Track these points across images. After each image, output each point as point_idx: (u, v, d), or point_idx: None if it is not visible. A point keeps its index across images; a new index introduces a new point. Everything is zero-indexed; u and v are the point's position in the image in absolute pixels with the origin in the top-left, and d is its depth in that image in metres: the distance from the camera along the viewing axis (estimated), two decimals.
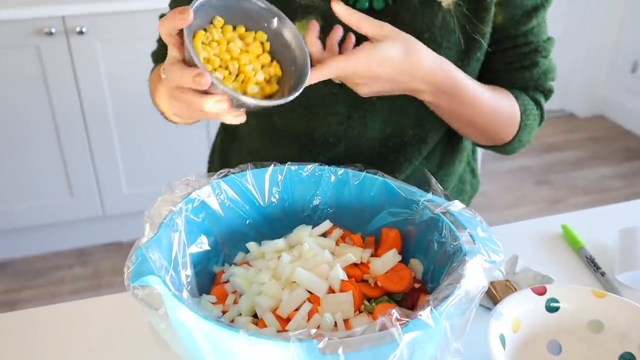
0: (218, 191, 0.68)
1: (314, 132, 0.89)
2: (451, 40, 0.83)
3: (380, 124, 0.89)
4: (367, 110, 0.87)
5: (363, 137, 0.90)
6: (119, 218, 2.31)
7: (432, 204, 0.67)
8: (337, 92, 0.85)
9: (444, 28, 0.82)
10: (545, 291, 0.68)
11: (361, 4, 0.81)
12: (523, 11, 0.86)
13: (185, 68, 0.62)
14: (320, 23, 0.78)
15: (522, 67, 0.91)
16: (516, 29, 0.88)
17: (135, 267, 0.54)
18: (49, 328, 0.75)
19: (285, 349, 0.46)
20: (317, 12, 0.81)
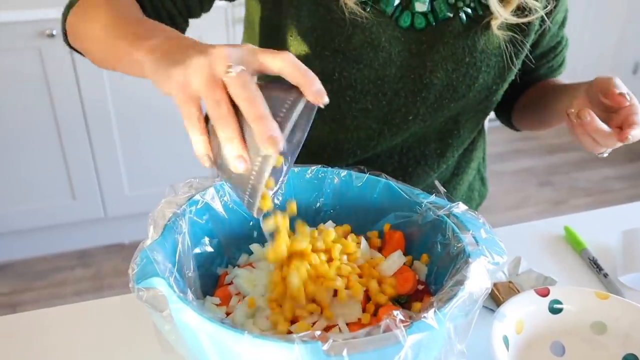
0: (222, 193, 0.68)
1: (343, 144, 0.88)
2: (490, 64, 0.84)
3: (406, 139, 0.89)
4: (400, 129, 0.86)
5: (389, 152, 0.90)
6: (120, 220, 2.31)
7: (436, 205, 0.67)
8: (371, 107, 0.84)
9: (484, 52, 0.83)
10: (548, 293, 0.68)
11: (403, 22, 0.81)
12: (559, 25, 0.91)
13: None
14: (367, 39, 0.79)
15: (559, 65, 0.99)
16: (554, 41, 0.93)
17: (140, 269, 0.54)
18: (52, 330, 0.75)
19: (289, 351, 0.47)
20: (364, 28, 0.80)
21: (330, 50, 0.80)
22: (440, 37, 0.82)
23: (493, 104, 0.90)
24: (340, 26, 0.79)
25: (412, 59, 0.82)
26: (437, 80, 0.83)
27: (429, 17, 0.81)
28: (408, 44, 0.82)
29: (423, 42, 0.82)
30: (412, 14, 0.81)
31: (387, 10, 0.80)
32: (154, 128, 2.16)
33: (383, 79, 0.82)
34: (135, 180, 2.24)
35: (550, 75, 1.00)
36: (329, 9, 0.79)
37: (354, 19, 0.79)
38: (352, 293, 0.60)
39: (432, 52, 0.82)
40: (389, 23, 0.80)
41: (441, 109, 0.85)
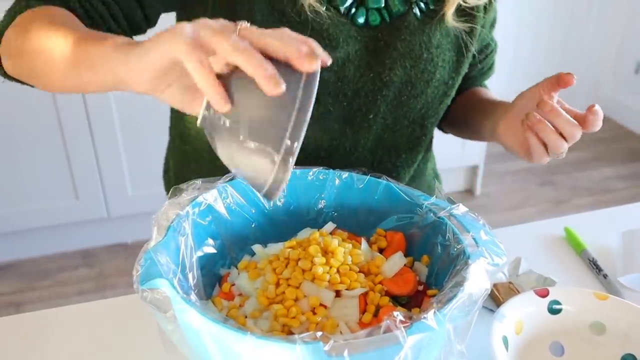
0: (224, 195, 0.69)
1: (306, 148, 0.85)
2: (445, 59, 0.84)
3: (373, 143, 0.88)
4: (361, 127, 0.86)
5: (354, 154, 0.88)
6: (123, 220, 2.32)
7: (436, 207, 0.68)
8: (332, 109, 0.83)
9: (439, 47, 0.83)
10: (548, 293, 0.68)
11: (358, 19, 0.80)
12: (490, 23, 0.92)
13: None
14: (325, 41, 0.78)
15: (489, 68, 1.00)
16: (485, 41, 0.94)
17: (144, 270, 0.54)
18: (56, 330, 0.75)
19: (291, 351, 0.47)
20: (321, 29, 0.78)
21: None
22: (397, 33, 0.81)
23: (449, 100, 0.90)
24: (296, 30, 0.77)
25: (369, 58, 0.81)
26: (396, 77, 0.82)
27: (383, 13, 0.80)
28: (365, 42, 0.81)
29: (379, 40, 0.81)
30: (367, 10, 0.80)
31: (341, 6, 0.78)
32: (156, 128, 2.16)
33: (342, 80, 0.81)
34: (137, 180, 2.25)
35: (480, 79, 1.01)
36: (283, 14, 0.77)
37: (311, 22, 0.77)
38: (353, 294, 0.61)
39: (390, 49, 0.81)
40: (345, 22, 0.79)
41: (401, 106, 0.85)
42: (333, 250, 0.64)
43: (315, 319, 0.59)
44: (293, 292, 0.61)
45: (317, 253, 0.63)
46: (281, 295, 0.61)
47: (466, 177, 2.76)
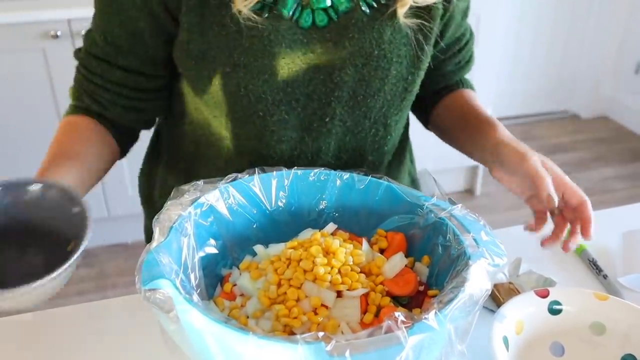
0: (226, 195, 0.69)
1: (267, 160, 0.84)
2: (401, 55, 0.81)
3: (335, 148, 0.86)
4: (320, 133, 0.83)
5: (317, 162, 0.86)
6: (123, 219, 2.32)
7: (437, 207, 0.68)
8: (288, 117, 0.81)
9: (393, 43, 0.80)
10: (548, 294, 0.69)
11: (304, 21, 0.77)
12: (461, 15, 0.90)
13: None
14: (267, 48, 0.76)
15: (466, 62, 0.98)
16: (458, 32, 0.92)
17: (147, 271, 0.55)
18: (57, 330, 0.75)
19: (293, 351, 0.48)
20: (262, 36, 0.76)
21: (231, 66, 0.76)
22: (345, 32, 0.78)
23: (412, 95, 0.87)
24: (235, 39, 0.75)
25: (318, 60, 0.78)
26: (348, 77, 0.80)
27: (329, 13, 0.78)
28: (312, 44, 0.78)
29: (328, 40, 0.78)
30: (313, 11, 0.77)
31: (285, 12, 0.76)
32: None
33: (293, 86, 0.79)
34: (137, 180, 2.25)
35: (459, 73, 0.98)
36: (222, 25, 0.75)
37: (250, 29, 0.75)
38: (355, 295, 0.61)
39: (338, 49, 0.78)
40: (289, 26, 0.76)
41: (358, 106, 0.83)
42: (334, 250, 0.64)
43: (316, 319, 0.59)
44: (294, 292, 0.61)
45: (318, 253, 0.63)
46: (283, 296, 0.62)
47: (466, 177, 2.76)
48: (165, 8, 0.77)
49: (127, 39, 0.80)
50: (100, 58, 0.82)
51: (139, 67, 0.82)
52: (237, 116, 0.80)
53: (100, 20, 0.81)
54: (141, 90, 0.85)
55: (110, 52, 0.81)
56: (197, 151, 0.89)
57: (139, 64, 0.82)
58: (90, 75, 0.83)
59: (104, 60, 0.82)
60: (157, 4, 0.76)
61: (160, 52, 0.81)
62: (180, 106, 0.89)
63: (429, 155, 1.63)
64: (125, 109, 0.86)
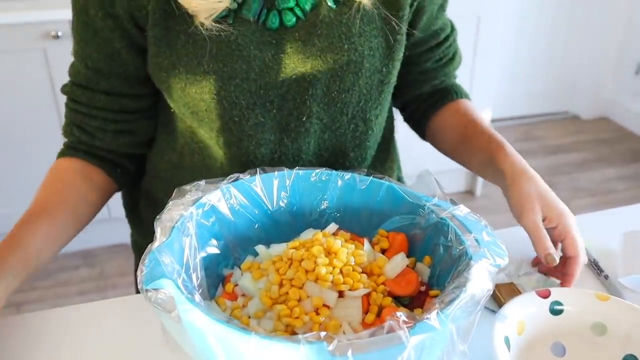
0: (228, 196, 0.69)
1: (249, 165, 0.83)
2: (372, 47, 0.80)
3: (315, 147, 0.85)
4: (298, 133, 0.82)
5: (299, 162, 0.85)
6: (124, 220, 2.32)
7: (438, 208, 0.69)
8: (264, 120, 0.81)
9: (363, 35, 0.79)
10: (549, 294, 0.69)
11: (272, 23, 0.77)
12: (437, 6, 0.88)
13: None
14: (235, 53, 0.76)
15: (449, 60, 0.95)
16: (435, 25, 0.90)
17: (149, 271, 0.55)
18: (57, 331, 0.75)
19: (295, 351, 0.48)
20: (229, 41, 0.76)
21: (201, 74, 0.76)
22: (313, 29, 0.77)
23: (390, 88, 0.86)
24: (203, 47, 0.75)
25: (289, 60, 0.78)
26: (320, 74, 0.79)
27: (296, 12, 0.77)
28: (281, 45, 0.78)
29: (297, 39, 0.77)
30: (279, 12, 0.76)
31: (250, 15, 0.75)
32: None
33: (265, 88, 0.78)
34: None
35: (442, 71, 0.95)
36: (188, 34, 0.75)
37: (217, 36, 0.75)
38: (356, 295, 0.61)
39: (308, 46, 0.78)
40: (256, 29, 0.76)
41: (334, 102, 0.82)
42: (336, 251, 0.64)
43: (318, 319, 0.59)
44: (296, 292, 0.61)
45: (320, 254, 0.63)
46: (284, 296, 0.62)
47: (467, 178, 2.76)
48: (135, 24, 0.77)
49: (106, 60, 0.80)
50: (84, 86, 0.83)
51: (121, 89, 0.83)
52: (213, 123, 0.80)
53: (79, 48, 0.82)
54: (127, 112, 0.85)
55: (92, 78, 0.82)
56: (181, 160, 0.89)
57: (121, 85, 0.83)
58: (76, 105, 0.84)
59: (87, 87, 0.83)
60: (127, 21, 0.77)
61: (139, 70, 0.82)
62: (163, 117, 0.89)
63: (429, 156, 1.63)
64: (114, 133, 0.86)
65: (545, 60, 3.34)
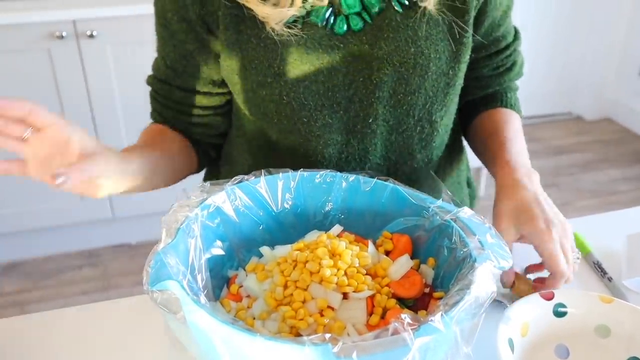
0: (233, 197, 0.70)
1: (316, 164, 0.86)
2: (438, 50, 0.81)
3: (382, 148, 0.86)
4: (365, 134, 0.84)
5: (366, 164, 0.87)
6: (127, 220, 2.33)
7: (442, 210, 0.69)
8: (332, 121, 0.83)
9: (429, 39, 0.80)
10: (553, 296, 0.69)
11: (339, 28, 0.79)
12: (501, 12, 0.88)
13: None
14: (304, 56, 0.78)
15: (507, 69, 0.94)
16: (497, 32, 0.90)
17: (154, 272, 0.55)
18: (61, 331, 0.75)
19: (300, 353, 0.48)
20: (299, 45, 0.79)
21: (272, 76, 0.79)
22: (380, 33, 0.79)
23: (456, 90, 0.87)
24: (273, 50, 0.78)
25: (357, 63, 0.80)
26: (386, 77, 0.81)
27: (363, 16, 0.79)
28: (349, 48, 0.79)
29: (364, 43, 0.79)
30: (346, 17, 0.79)
31: (319, 21, 0.78)
32: None
33: (332, 90, 0.81)
34: None
35: (497, 80, 0.95)
36: (259, 38, 0.78)
37: (287, 40, 0.77)
38: (361, 296, 0.62)
39: (375, 50, 0.80)
40: (324, 34, 0.78)
41: (400, 105, 0.83)
42: (340, 252, 0.64)
43: (322, 321, 0.59)
44: (301, 294, 0.61)
45: (324, 255, 0.64)
46: (289, 297, 0.62)
47: None
48: (207, 29, 0.81)
49: (180, 61, 0.85)
50: (163, 80, 0.89)
51: (194, 87, 0.88)
52: (282, 125, 0.82)
53: (159, 46, 0.88)
54: (200, 107, 0.90)
55: (170, 74, 0.87)
56: (255, 162, 0.92)
57: (195, 83, 0.87)
58: (156, 95, 0.91)
59: (165, 82, 0.88)
60: (200, 26, 0.81)
61: (212, 71, 0.86)
62: (236, 120, 0.92)
63: None
64: (188, 124, 0.91)
65: (549, 61, 3.33)
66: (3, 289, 2.18)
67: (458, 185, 1.04)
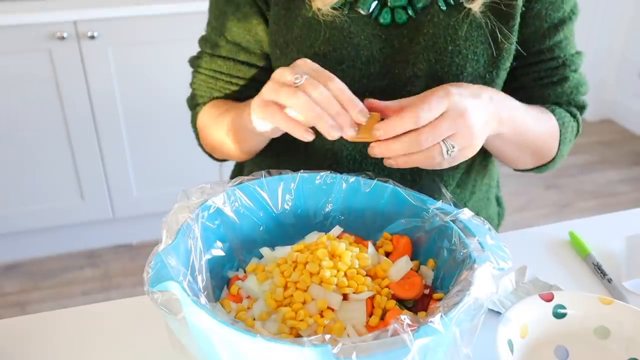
0: (233, 198, 0.70)
1: (342, 150, 0.87)
2: (477, 52, 0.81)
3: None
4: None
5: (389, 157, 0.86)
6: (128, 220, 2.33)
7: (442, 211, 0.69)
8: None
9: (469, 40, 0.80)
10: (553, 298, 0.69)
11: (383, 19, 0.81)
12: (549, 24, 0.85)
13: None
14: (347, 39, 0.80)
15: (551, 82, 0.90)
16: (541, 43, 0.87)
17: (155, 273, 0.55)
18: (61, 332, 0.76)
19: (300, 353, 0.48)
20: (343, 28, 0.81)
21: (312, 56, 0.80)
22: (420, 28, 0.81)
23: None
24: (317, 30, 0.81)
25: (394, 55, 0.82)
26: (421, 72, 0.81)
27: (408, 10, 0.81)
28: (390, 40, 0.82)
29: (404, 36, 0.81)
30: (392, 9, 0.81)
31: (365, 9, 0.81)
32: (161, 130, 2.18)
33: (368, 77, 0.82)
34: (143, 181, 2.26)
35: (541, 92, 0.90)
36: (305, 18, 0.81)
37: (332, 22, 0.80)
38: (361, 297, 0.62)
39: (413, 44, 0.81)
40: (368, 22, 0.81)
41: None
42: (340, 254, 0.65)
43: (322, 322, 0.60)
44: (301, 295, 0.62)
45: (324, 257, 0.64)
46: (289, 298, 0.62)
47: None
48: (265, 1, 0.85)
49: (244, 35, 0.88)
50: (224, 57, 0.90)
51: (258, 61, 0.90)
52: None
53: (217, 23, 0.90)
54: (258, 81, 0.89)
55: (232, 50, 0.89)
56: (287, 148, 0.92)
57: (259, 58, 0.90)
58: (217, 74, 0.92)
59: (227, 57, 0.90)
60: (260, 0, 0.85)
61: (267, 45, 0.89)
62: None
63: None
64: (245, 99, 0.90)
65: None
66: (4, 289, 2.18)
67: (487, 201, 1.03)
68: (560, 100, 0.92)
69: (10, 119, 2.03)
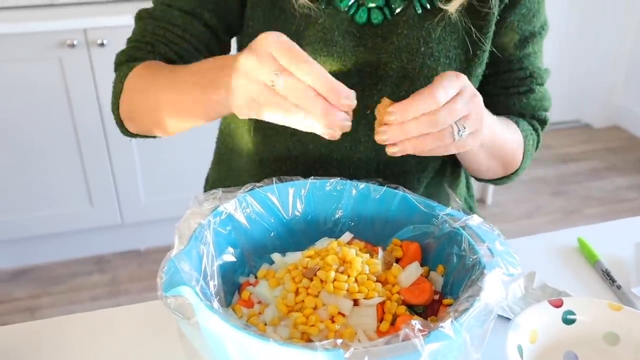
0: (244, 204, 0.70)
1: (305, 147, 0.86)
2: (450, 56, 0.82)
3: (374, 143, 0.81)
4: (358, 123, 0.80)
5: (355, 154, 0.86)
6: (136, 226, 2.34)
7: (452, 218, 0.69)
8: None
9: (442, 43, 0.81)
10: (562, 304, 0.69)
11: (359, 18, 0.81)
12: (520, 36, 0.87)
13: None
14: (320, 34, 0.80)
15: (517, 92, 0.92)
16: (512, 54, 0.89)
17: (168, 278, 0.56)
18: (71, 336, 0.76)
19: (312, 358, 0.48)
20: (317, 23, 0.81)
21: None
22: (395, 28, 0.81)
23: None
24: (291, 22, 0.81)
25: (367, 53, 0.82)
26: (392, 71, 0.82)
27: (385, 11, 0.81)
28: (364, 39, 0.82)
29: (378, 36, 0.82)
30: (368, 9, 0.81)
31: (342, 6, 0.81)
32: (170, 138, 2.18)
33: (339, 75, 0.79)
34: (151, 187, 2.27)
35: (507, 100, 0.91)
36: (282, 9, 0.81)
37: (307, 15, 0.80)
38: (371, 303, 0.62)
39: (386, 44, 0.81)
40: (344, 19, 0.81)
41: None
42: (351, 260, 0.65)
43: (333, 327, 0.60)
44: (312, 300, 0.62)
45: (335, 263, 0.64)
46: (300, 304, 0.63)
47: (478, 186, 2.76)
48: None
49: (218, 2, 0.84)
50: (185, 11, 0.84)
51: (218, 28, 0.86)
52: None
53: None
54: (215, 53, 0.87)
55: (197, 3, 0.84)
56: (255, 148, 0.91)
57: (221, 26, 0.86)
58: (169, 25, 0.85)
59: (188, 12, 0.84)
60: None
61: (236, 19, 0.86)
62: None
63: None
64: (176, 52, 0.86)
65: (556, 68, 3.32)
66: (13, 295, 2.20)
67: None
68: (524, 112, 0.93)
69: (20, 125, 2.05)
